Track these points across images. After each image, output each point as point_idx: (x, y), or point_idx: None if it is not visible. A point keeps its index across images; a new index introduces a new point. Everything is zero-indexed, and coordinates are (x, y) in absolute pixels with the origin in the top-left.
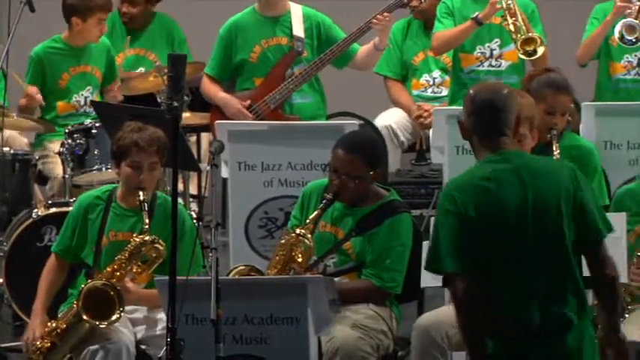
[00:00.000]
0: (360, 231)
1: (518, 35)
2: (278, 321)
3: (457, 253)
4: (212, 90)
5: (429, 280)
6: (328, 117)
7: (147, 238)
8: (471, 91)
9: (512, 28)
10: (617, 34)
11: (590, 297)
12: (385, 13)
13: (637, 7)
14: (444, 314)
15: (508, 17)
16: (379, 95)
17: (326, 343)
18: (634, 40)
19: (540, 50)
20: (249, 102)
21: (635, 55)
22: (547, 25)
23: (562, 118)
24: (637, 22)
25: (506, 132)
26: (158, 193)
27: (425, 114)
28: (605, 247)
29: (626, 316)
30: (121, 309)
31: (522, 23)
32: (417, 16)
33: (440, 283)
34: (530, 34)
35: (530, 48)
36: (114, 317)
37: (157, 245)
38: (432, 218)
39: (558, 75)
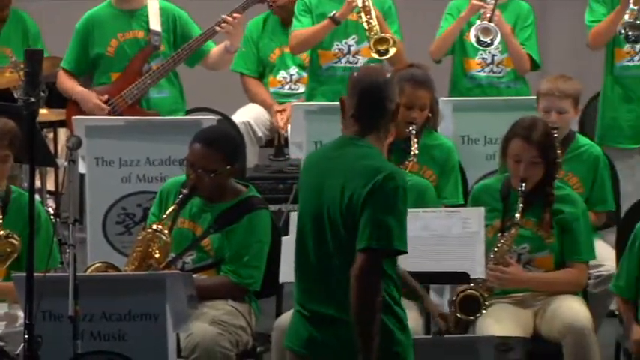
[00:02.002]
0: (219, 227)
1: (372, 34)
2: (136, 317)
3: None
4: (68, 84)
5: (287, 275)
6: (187, 112)
7: (1, 232)
8: (354, 73)
9: (366, 26)
10: (473, 38)
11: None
12: (235, 14)
13: (491, 7)
14: None
15: (363, 15)
16: (238, 91)
17: (184, 339)
18: (489, 42)
19: (392, 51)
20: (106, 96)
21: (489, 52)
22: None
23: (421, 114)
24: (492, 24)
25: (383, 115)
26: (13, 188)
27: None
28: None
29: (484, 311)
30: None
31: (376, 22)
32: (277, 11)
33: None
34: (382, 35)
35: (382, 48)
36: None
37: (11, 240)
38: (291, 213)
39: (419, 70)
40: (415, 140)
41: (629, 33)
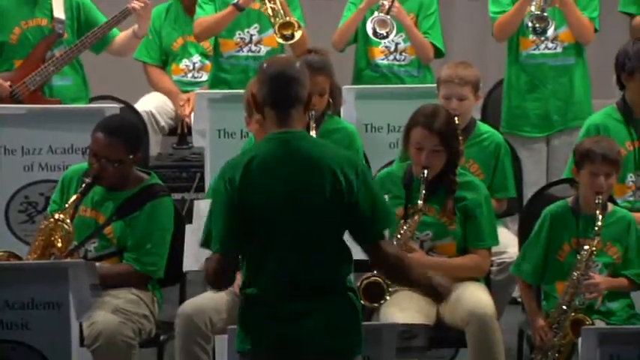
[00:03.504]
0: (121, 215)
1: (276, 19)
2: (39, 306)
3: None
4: None
5: (191, 264)
6: (90, 100)
7: None
8: (264, 63)
9: (270, 12)
10: (369, 30)
11: None
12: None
13: (390, 1)
14: (206, 300)
15: (266, 1)
16: (141, 79)
17: (87, 328)
18: (385, 34)
19: (298, 34)
20: (8, 83)
21: (393, 41)
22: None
23: (320, 99)
24: (388, 16)
25: (295, 104)
26: None
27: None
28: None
29: (387, 298)
30: None
31: (280, 7)
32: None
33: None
34: (287, 19)
35: (287, 32)
36: None
37: None
38: (195, 201)
39: (316, 56)
40: (314, 125)
41: (537, 25)
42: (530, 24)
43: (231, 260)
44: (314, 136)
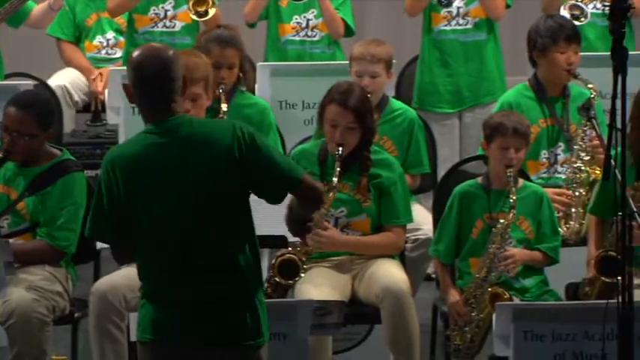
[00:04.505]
0: (33, 191)
1: None
2: None
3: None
4: None
5: None
6: (5, 77)
7: None
8: (135, 57)
9: None
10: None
11: None
12: None
13: None
14: (120, 277)
15: None
16: (54, 56)
17: (1, 306)
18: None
19: (212, 11)
20: None
21: (305, 17)
22: None
23: (229, 73)
24: None
25: (174, 99)
26: None
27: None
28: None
29: (302, 275)
30: None
31: None
32: None
33: None
34: None
35: (201, 9)
36: None
37: None
38: None
39: (225, 30)
40: (224, 98)
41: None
42: None
43: (126, 247)
44: (224, 108)
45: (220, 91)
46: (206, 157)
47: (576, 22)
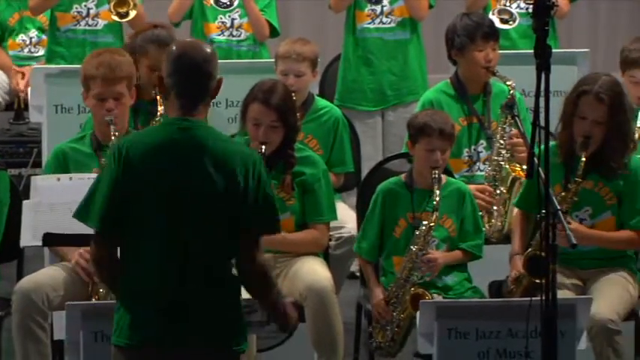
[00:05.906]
0: None
1: None
2: None
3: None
4: None
5: (28, 239)
6: None
7: None
8: (176, 47)
9: None
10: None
11: None
12: None
13: None
14: (44, 276)
15: None
16: None
17: None
18: (228, 3)
19: (133, 13)
20: None
21: (229, 16)
22: None
23: None
24: None
25: (204, 98)
26: None
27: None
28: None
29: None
30: None
31: None
32: None
33: (40, 243)
34: None
35: (123, 10)
36: None
37: None
38: (32, 177)
39: (163, 31)
40: (161, 101)
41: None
42: None
43: (111, 245)
44: (161, 111)
45: (155, 92)
46: (212, 167)
47: (506, 27)
